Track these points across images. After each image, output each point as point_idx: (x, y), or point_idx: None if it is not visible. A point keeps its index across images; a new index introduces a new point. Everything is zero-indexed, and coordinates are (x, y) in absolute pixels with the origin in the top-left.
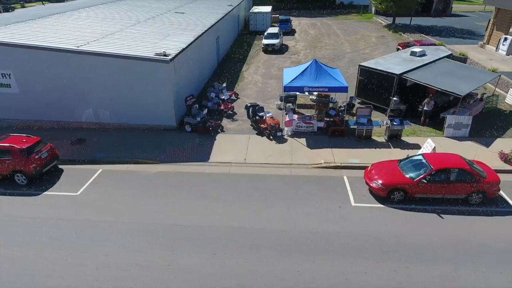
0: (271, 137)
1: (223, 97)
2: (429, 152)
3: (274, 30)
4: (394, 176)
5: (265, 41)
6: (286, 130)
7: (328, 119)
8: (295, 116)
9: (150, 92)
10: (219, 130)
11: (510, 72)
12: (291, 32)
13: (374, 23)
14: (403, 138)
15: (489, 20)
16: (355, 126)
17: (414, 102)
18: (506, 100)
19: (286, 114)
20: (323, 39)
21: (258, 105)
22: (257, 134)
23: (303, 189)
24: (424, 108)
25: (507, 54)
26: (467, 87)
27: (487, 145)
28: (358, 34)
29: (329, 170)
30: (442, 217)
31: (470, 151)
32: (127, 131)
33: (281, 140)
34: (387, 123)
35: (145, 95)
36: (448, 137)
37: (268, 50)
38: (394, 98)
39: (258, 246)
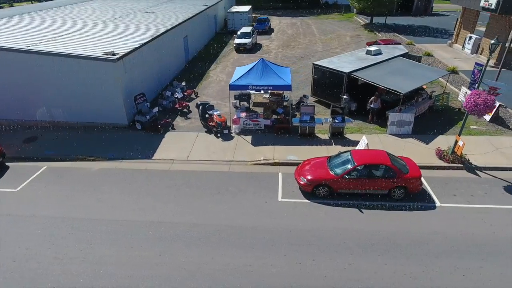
0: (219, 135)
1: (176, 96)
2: (362, 148)
3: (247, 29)
4: (320, 172)
5: (237, 41)
6: (234, 128)
7: (276, 116)
8: (243, 114)
9: (101, 90)
10: (170, 128)
11: (470, 70)
12: (269, 32)
13: (354, 22)
14: (348, 135)
15: (457, 19)
16: (298, 124)
17: (365, 100)
18: (458, 98)
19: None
20: (298, 38)
21: (208, 103)
22: (206, 132)
23: (235, 185)
24: (371, 106)
25: (472, 53)
26: (410, 85)
27: (427, 142)
28: (334, 33)
29: (267, 167)
30: (362, 212)
31: (409, 148)
32: (80, 129)
33: (227, 137)
34: (329, 121)
35: (96, 94)
36: (391, 134)
37: (240, 49)
38: (344, 96)
39: (174, 239)
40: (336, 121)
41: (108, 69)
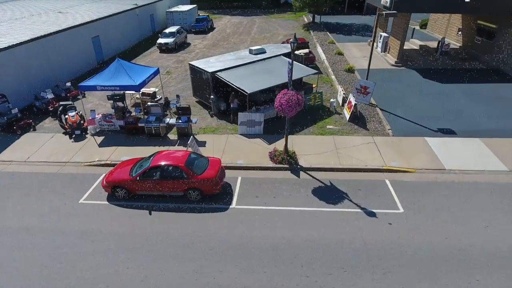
0: (73, 136)
1: (47, 96)
2: (191, 148)
3: (172, 29)
4: (119, 174)
5: (159, 40)
6: (90, 129)
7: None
8: (98, 115)
9: None
10: (31, 130)
11: (371, 69)
12: (207, 31)
13: (299, 21)
14: (200, 135)
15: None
16: (143, 125)
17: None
18: (337, 98)
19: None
20: (232, 38)
21: (70, 104)
22: (63, 133)
23: (49, 187)
24: (232, 106)
25: (382, 51)
26: (262, 85)
27: (272, 142)
28: (271, 32)
29: (97, 168)
30: (150, 214)
31: (250, 148)
32: None
33: (80, 138)
34: (175, 121)
35: None
36: (242, 134)
37: (162, 49)
38: (211, 96)
39: None
40: (180, 121)
41: None
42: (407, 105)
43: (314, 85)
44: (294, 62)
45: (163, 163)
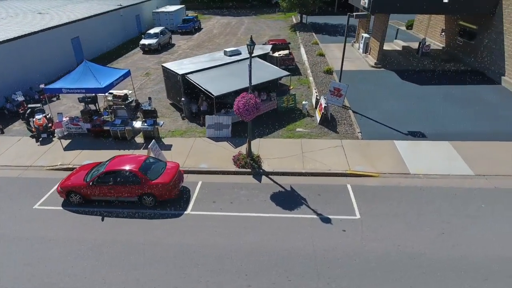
0: (40, 139)
1: (18, 99)
2: (152, 153)
3: (155, 30)
4: (75, 179)
5: (142, 41)
6: (57, 132)
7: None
8: (66, 118)
9: None
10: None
11: (350, 70)
12: (194, 32)
13: (287, 21)
14: (167, 138)
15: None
16: (109, 128)
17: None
18: (312, 100)
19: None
20: (218, 38)
21: (38, 107)
22: (30, 136)
23: (7, 192)
24: (201, 108)
25: (363, 52)
26: (231, 87)
27: (238, 145)
28: (258, 33)
29: (60, 172)
30: (103, 220)
31: (215, 151)
32: None
33: (46, 142)
34: (141, 125)
35: None
36: (210, 137)
37: (145, 50)
38: (182, 99)
39: None
40: (145, 125)
41: None
42: (381, 107)
43: (291, 87)
44: (266, 64)
45: (117, 168)
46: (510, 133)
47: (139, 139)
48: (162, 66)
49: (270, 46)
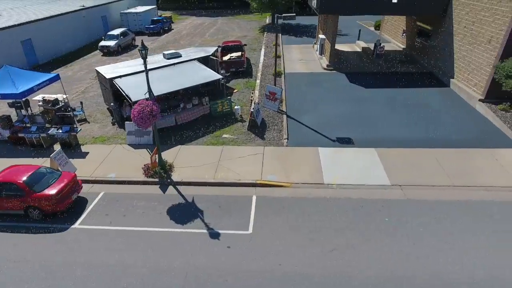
0: None
1: None
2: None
3: (116, 32)
4: None
5: (101, 43)
6: None
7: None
8: None
9: None
10: None
11: (302, 73)
12: (162, 33)
13: (260, 22)
14: (87, 145)
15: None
16: (24, 135)
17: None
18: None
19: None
20: (184, 40)
21: None
22: None
23: None
24: (127, 113)
25: (319, 54)
26: (157, 91)
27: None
28: (226, 33)
29: None
30: None
31: (130, 159)
32: None
33: None
34: (55, 131)
35: None
36: (130, 144)
37: (104, 51)
38: (111, 104)
39: None
40: (60, 131)
41: None
42: (320, 111)
43: (235, 90)
44: (202, 67)
45: (2, 180)
46: (444, 139)
47: (57, 147)
48: (96, 69)
49: (215, 48)
